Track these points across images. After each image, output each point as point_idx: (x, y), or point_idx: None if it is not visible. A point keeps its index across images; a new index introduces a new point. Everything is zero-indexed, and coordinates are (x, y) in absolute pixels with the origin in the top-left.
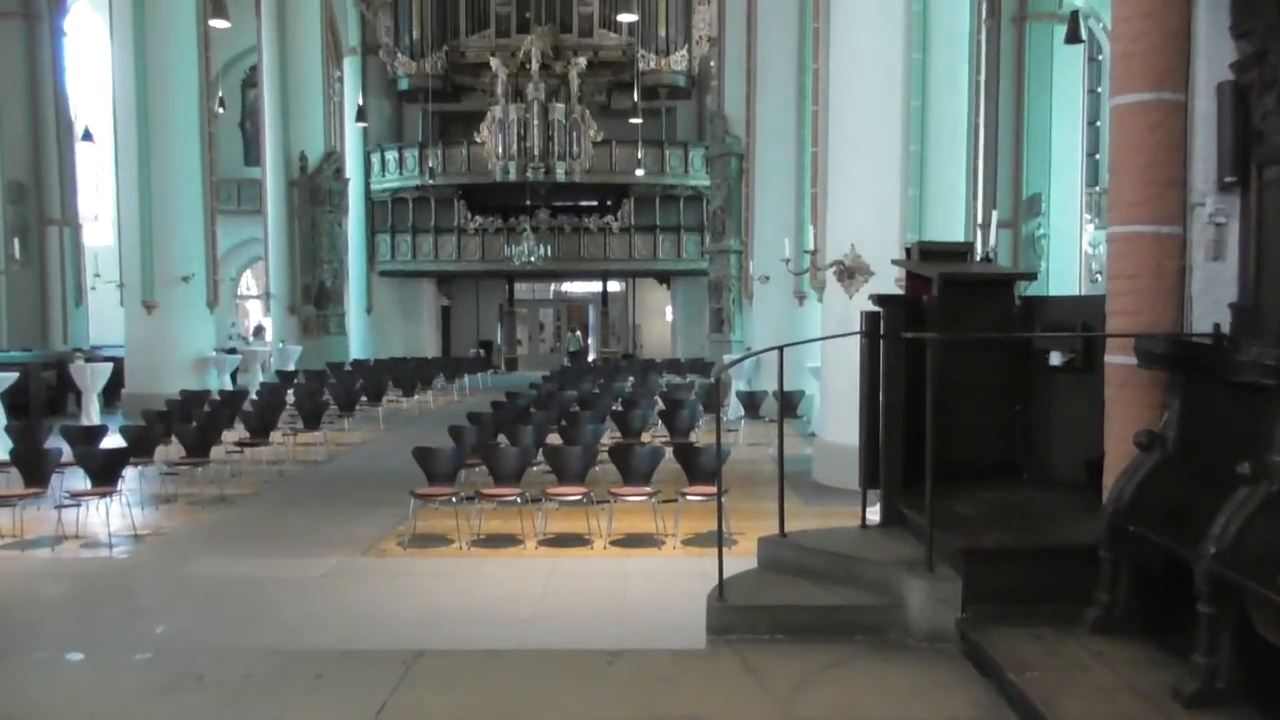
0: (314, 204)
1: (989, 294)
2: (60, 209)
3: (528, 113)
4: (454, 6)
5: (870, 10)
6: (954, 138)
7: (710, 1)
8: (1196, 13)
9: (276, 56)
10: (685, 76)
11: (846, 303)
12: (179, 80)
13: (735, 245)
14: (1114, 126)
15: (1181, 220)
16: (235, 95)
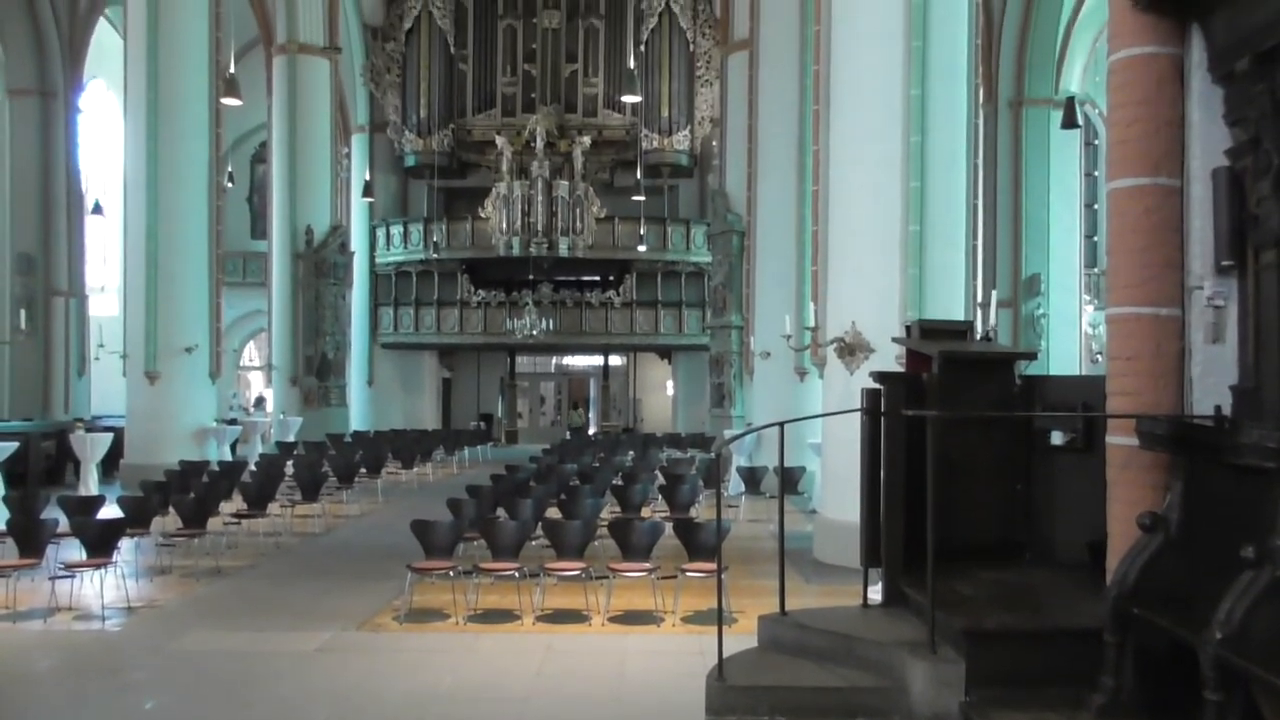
0: (318, 277)
1: (989, 373)
2: (67, 280)
3: (532, 189)
4: (461, 87)
5: (869, 94)
6: (953, 218)
7: (712, 84)
8: (1190, 101)
9: (286, 133)
10: (687, 156)
11: (847, 379)
12: (189, 155)
13: (736, 321)
14: (1111, 209)
15: (1180, 302)
16: (244, 170)
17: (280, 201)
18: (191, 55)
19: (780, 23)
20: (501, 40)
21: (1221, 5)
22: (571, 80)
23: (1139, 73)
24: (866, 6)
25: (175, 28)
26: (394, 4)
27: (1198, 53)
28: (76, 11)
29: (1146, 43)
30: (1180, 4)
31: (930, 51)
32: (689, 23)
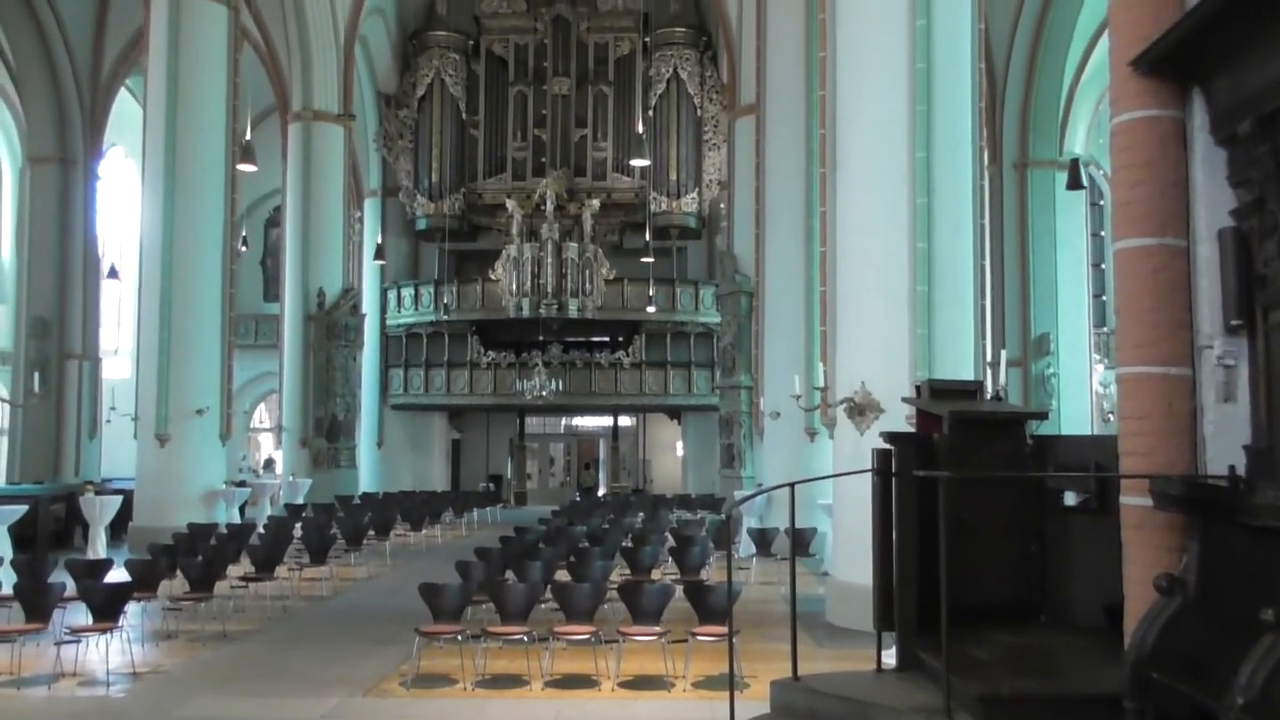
0: (330, 339)
1: (1000, 433)
2: (81, 343)
3: (542, 251)
4: (472, 152)
5: (875, 157)
6: (961, 278)
7: (720, 147)
8: (1193, 162)
9: (300, 198)
10: (696, 218)
11: (857, 440)
12: (205, 220)
13: (746, 381)
14: (1118, 270)
15: (1190, 362)
16: (258, 234)
17: (293, 265)
18: (209, 123)
19: (785, 88)
20: (512, 106)
21: (1222, 69)
22: (581, 145)
23: (1142, 135)
24: (871, 72)
25: (194, 96)
26: (407, 72)
27: (1200, 115)
28: (98, 81)
29: (1148, 106)
30: (1181, 68)
31: (935, 115)
32: (696, 88)
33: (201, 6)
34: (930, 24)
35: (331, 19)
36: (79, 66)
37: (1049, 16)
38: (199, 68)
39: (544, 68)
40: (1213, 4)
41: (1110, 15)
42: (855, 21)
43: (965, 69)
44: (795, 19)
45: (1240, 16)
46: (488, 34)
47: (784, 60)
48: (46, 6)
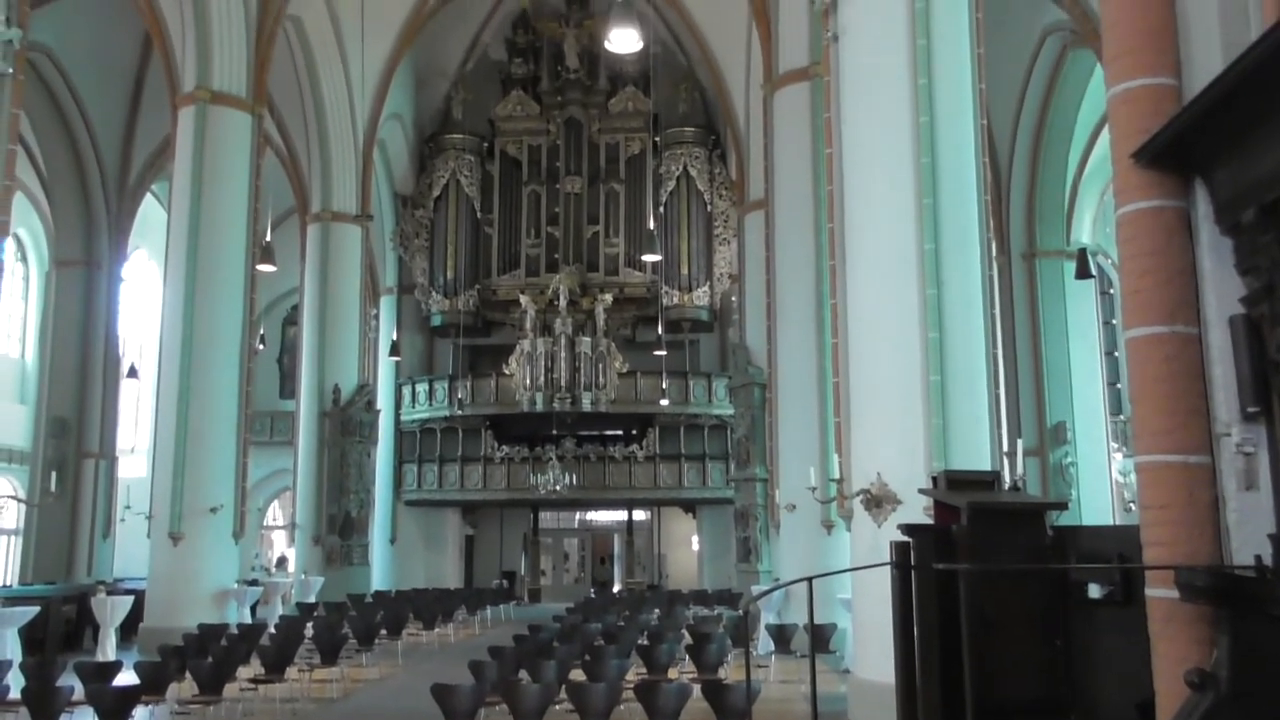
0: (344, 435)
1: (1020, 524)
2: (99, 442)
3: (555, 346)
4: (486, 249)
5: (884, 249)
6: (973, 368)
7: (730, 242)
8: (1200, 250)
9: (317, 296)
10: (707, 311)
11: (875, 532)
12: (224, 320)
13: (760, 473)
14: (1131, 358)
15: (1209, 449)
16: (276, 332)
17: (309, 362)
18: (230, 225)
19: (793, 183)
20: (526, 205)
21: (1222, 160)
22: (593, 241)
23: (1147, 225)
24: (876, 167)
25: (217, 200)
26: (424, 173)
27: (1203, 205)
28: (125, 187)
29: (1152, 197)
30: (1182, 160)
31: (941, 208)
32: (706, 185)
33: (226, 114)
34: (933, 120)
35: (351, 124)
36: (107, 174)
37: (1050, 110)
38: (222, 172)
39: (557, 167)
40: (1210, 98)
41: (1110, 109)
42: (859, 119)
43: (969, 163)
44: (801, 117)
45: (1237, 109)
46: (502, 136)
47: (791, 157)
48: (79, 117)
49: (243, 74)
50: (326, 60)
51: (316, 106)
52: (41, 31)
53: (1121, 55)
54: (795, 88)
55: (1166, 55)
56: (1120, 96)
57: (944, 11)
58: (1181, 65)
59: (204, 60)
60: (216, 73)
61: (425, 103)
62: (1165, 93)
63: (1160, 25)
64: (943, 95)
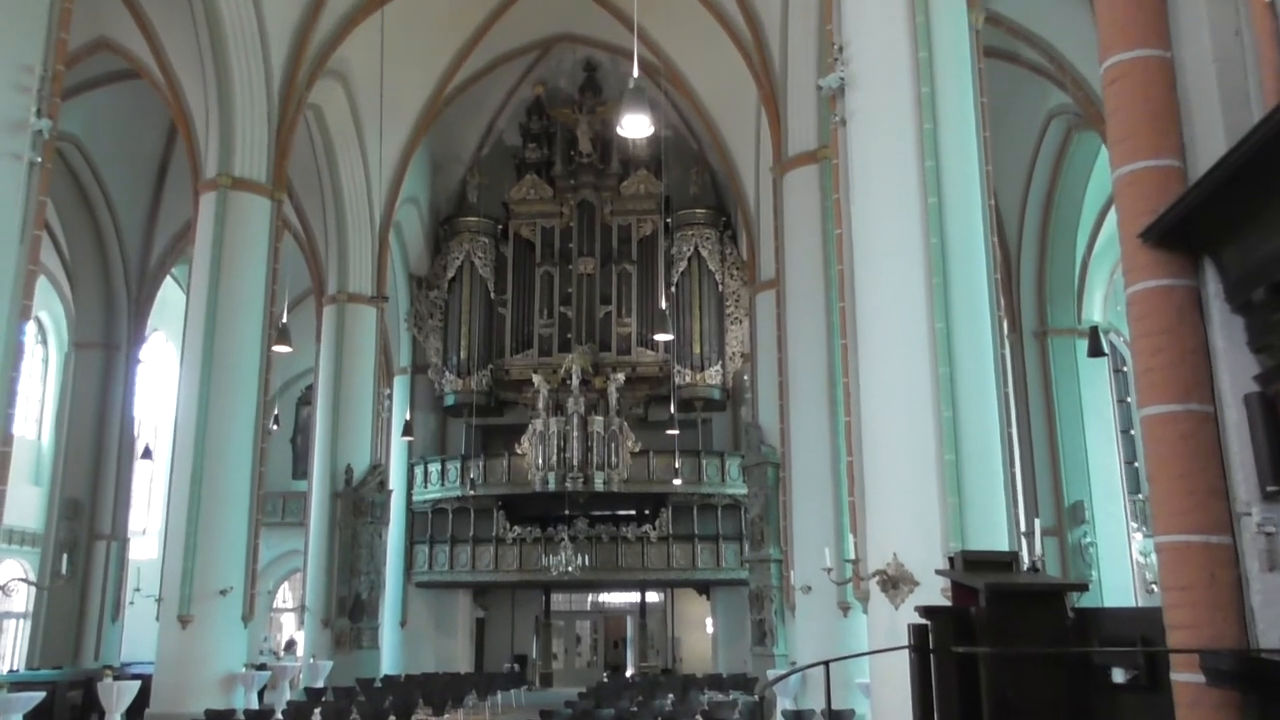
0: (356, 515)
1: (1040, 605)
2: (111, 524)
3: (568, 425)
4: (500, 330)
5: (894, 328)
6: (988, 447)
7: (742, 321)
8: (1212, 328)
9: (332, 377)
10: (720, 390)
11: (892, 614)
12: (239, 401)
13: (775, 554)
14: (1146, 436)
15: (1229, 529)
16: (290, 412)
17: (322, 442)
18: (248, 308)
19: (804, 264)
20: (539, 286)
21: (1230, 239)
22: (606, 321)
23: (1158, 304)
24: (886, 248)
25: (235, 283)
26: (439, 255)
27: (1213, 283)
28: (146, 271)
29: (1161, 276)
30: (1189, 239)
31: (951, 287)
32: (717, 265)
33: (247, 199)
34: (941, 201)
35: (368, 208)
36: (129, 258)
37: (1057, 190)
38: (241, 256)
39: (570, 249)
40: (1214, 179)
41: (1116, 190)
42: (868, 201)
43: (978, 242)
44: (810, 199)
45: (1242, 189)
46: (516, 218)
47: (801, 238)
48: (103, 203)
49: (264, 161)
50: (345, 146)
51: (335, 191)
52: (70, 121)
53: (1126, 138)
54: (804, 170)
55: (1170, 138)
56: (1126, 178)
57: (949, 96)
58: (1185, 147)
59: (227, 148)
60: (238, 160)
61: (441, 187)
62: (1170, 174)
63: (1163, 109)
64: (950, 177)
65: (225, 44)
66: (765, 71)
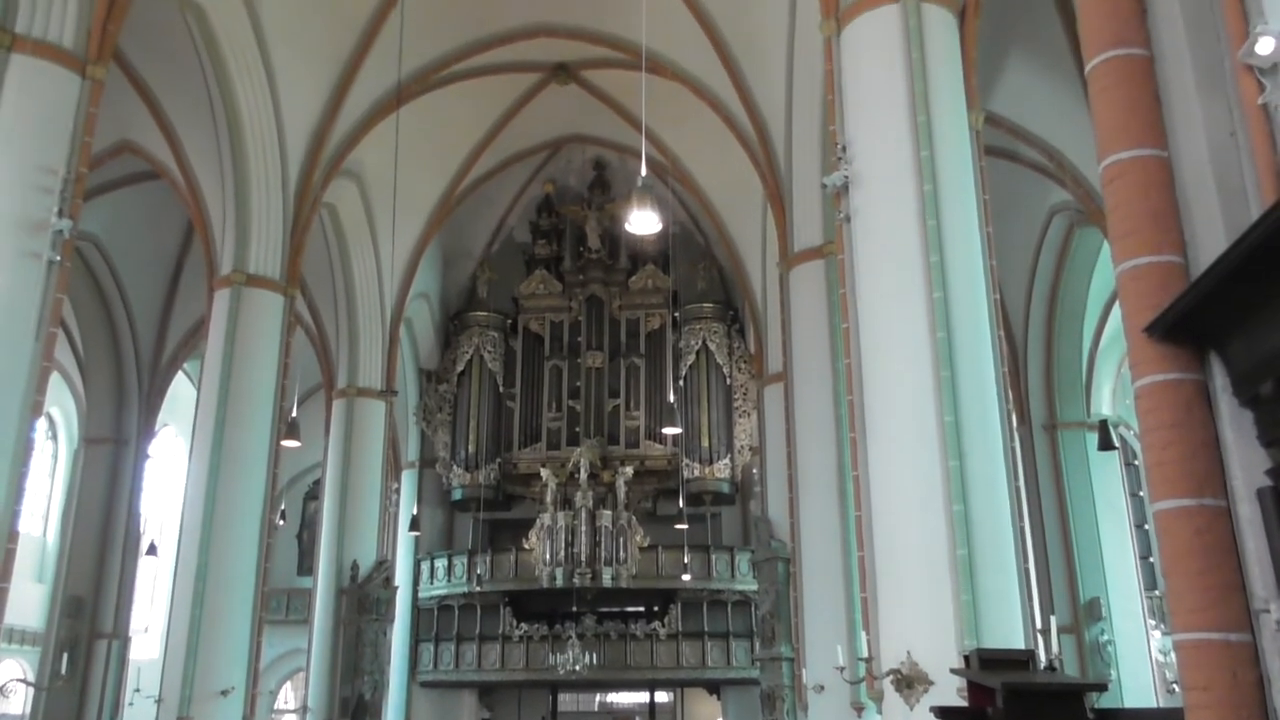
0: (361, 613)
1: (1059, 706)
2: (113, 622)
3: (576, 519)
4: (508, 424)
5: (903, 421)
6: (1001, 541)
7: (750, 414)
8: (1221, 422)
9: (340, 472)
10: (729, 483)
11: (907, 714)
12: (246, 497)
13: (786, 652)
14: (1160, 531)
15: (1249, 626)
16: (296, 507)
17: (329, 537)
18: (258, 403)
19: (811, 357)
20: (548, 379)
21: (1235, 333)
22: (614, 414)
23: (1166, 398)
24: (893, 341)
25: (246, 378)
26: (448, 349)
27: (1220, 377)
28: (158, 366)
29: (1168, 370)
30: (1194, 333)
31: (959, 380)
32: (725, 359)
33: (260, 295)
34: (947, 296)
35: (380, 303)
36: (142, 354)
37: (1061, 285)
38: (253, 351)
39: (578, 342)
40: (1215, 275)
41: (1119, 285)
42: (874, 295)
43: (985, 336)
44: (817, 293)
45: (1244, 284)
46: (525, 313)
47: (808, 331)
48: (119, 300)
49: (278, 258)
50: (358, 243)
51: (347, 286)
52: (90, 221)
53: (1126, 235)
54: (810, 265)
55: (1170, 234)
56: (1129, 273)
57: (952, 193)
58: (1186, 243)
59: (242, 245)
60: (253, 257)
61: (452, 282)
62: (1172, 269)
63: (1162, 206)
64: (955, 272)
65: (244, 146)
66: (770, 170)
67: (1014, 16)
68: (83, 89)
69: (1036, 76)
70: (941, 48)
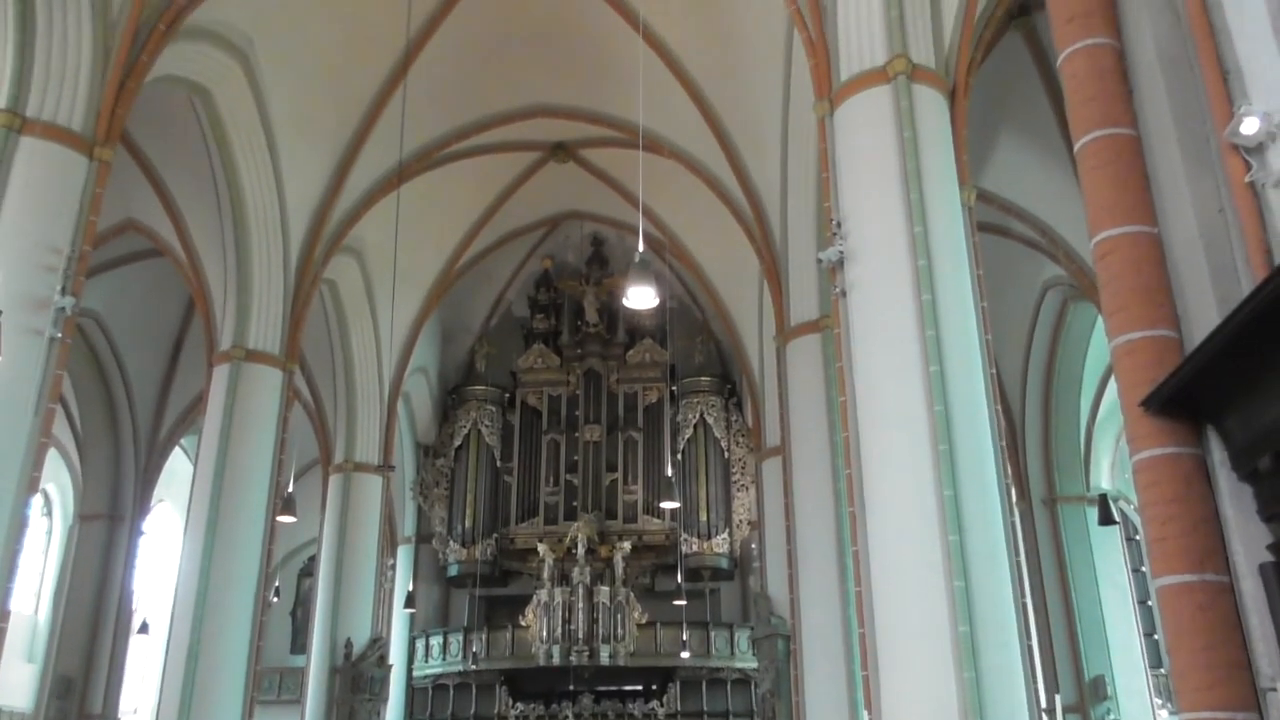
0: (354, 692)
1: None
2: (102, 703)
3: (573, 596)
4: (505, 498)
5: (901, 495)
6: (1003, 618)
7: (748, 488)
8: (1221, 497)
9: (335, 548)
10: (728, 559)
11: None
12: (240, 573)
13: None
14: (1163, 608)
15: (1255, 705)
16: (291, 584)
17: (323, 615)
18: (254, 478)
19: (809, 431)
20: (545, 453)
21: (1231, 408)
22: (612, 488)
23: (1165, 472)
24: (890, 415)
25: (243, 453)
26: (446, 423)
27: (1218, 451)
28: (155, 442)
29: (1166, 444)
30: (1191, 407)
31: (957, 454)
32: (723, 432)
33: (259, 370)
34: (943, 370)
35: (378, 378)
36: (140, 429)
37: (1057, 358)
38: (251, 426)
39: (576, 416)
40: (1208, 351)
41: (1114, 360)
42: (871, 369)
43: (982, 409)
44: (814, 367)
45: (1238, 359)
46: (523, 387)
47: (806, 405)
48: (118, 376)
49: (278, 333)
50: (358, 318)
51: (346, 361)
52: (91, 297)
53: (1119, 310)
54: (807, 339)
55: (1163, 309)
56: (1123, 348)
57: (946, 268)
58: (1179, 317)
59: (243, 321)
60: (253, 332)
61: (450, 356)
62: (1166, 344)
63: (1154, 282)
64: (951, 346)
65: (247, 224)
66: (766, 245)
67: (1003, 96)
68: (90, 170)
69: (1027, 154)
70: (932, 127)
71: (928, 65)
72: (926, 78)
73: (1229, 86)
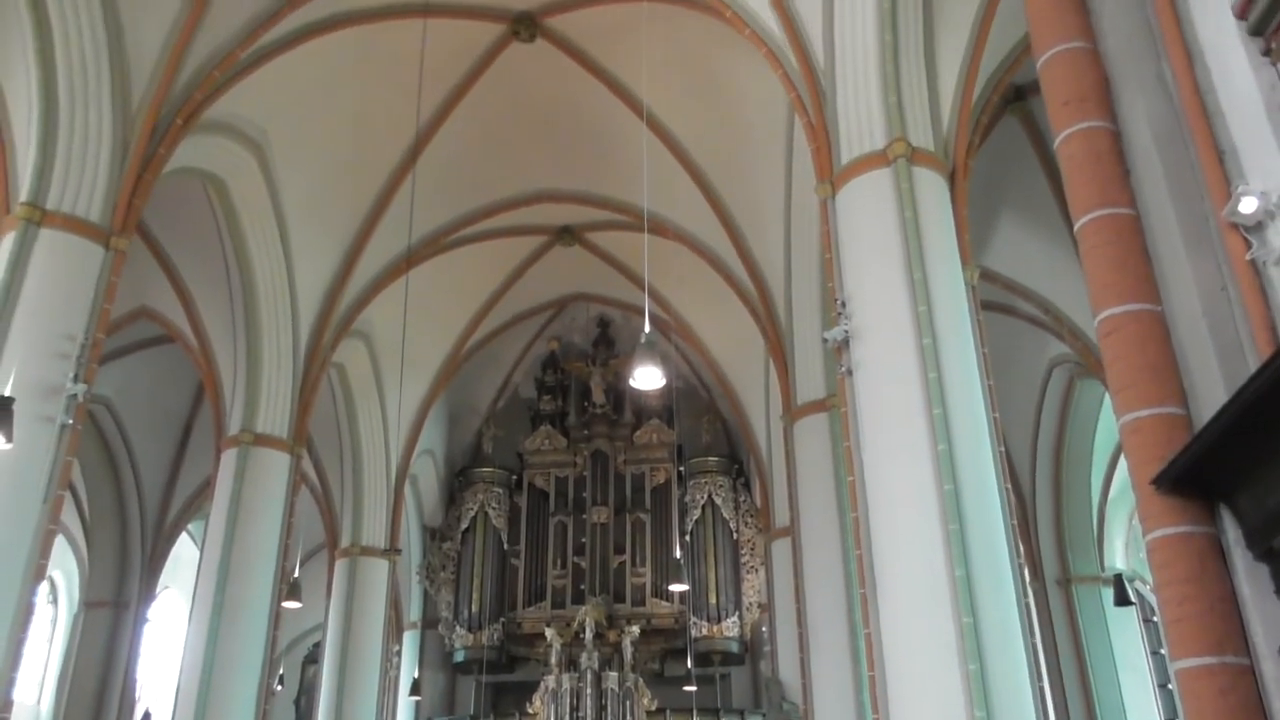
0: None
1: None
2: None
3: (581, 682)
4: (512, 582)
5: (913, 576)
6: (1020, 701)
7: (758, 570)
8: (1237, 577)
9: (340, 633)
10: (738, 642)
11: None
12: (245, 661)
13: None
14: (1183, 692)
15: None
16: (295, 671)
17: (327, 702)
18: (261, 563)
19: (818, 511)
20: (553, 535)
21: (1243, 487)
22: (620, 571)
23: (1179, 551)
24: (899, 494)
25: (250, 538)
26: (453, 506)
27: (1232, 530)
28: (162, 528)
29: (1179, 523)
30: (1202, 486)
31: (968, 533)
32: (731, 513)
33: (267, 455)
34: (951, 448)
35: (385, 461)
36: (147, 516)
37: (1066, 436)
38: (258, 510)
39: (583, 498)
40: (1215, 430)
41: (1122, 438)
42: (879, 448)
43: (992, 488)
44: (821, 446)
45: (1247, 437)
46: (530, 469)
47: (814, 485)
48: (127, 462)
49: (286, 418)
50: (365, 401)
51: (353, 444)
52: (102, 383)
53: (1126, 388)
54: (814, 418)
55: (1170, 386)
56: (1131, 425)
57: (952, 346)
58: (1186, 394)
59: (251, 406)
60: (261, 417)
61: (457, 438)
62: (1175, 421)
63: (1160, 360)
64: (959, 424)
65: (258, 311)
66: (771, 325)
67: (1002, 177)
68: (105, 259)
69: (1028, 233)
70: (933, 207)
71: (927, 148)
72: (926, 160)
73: (1225, 166)
